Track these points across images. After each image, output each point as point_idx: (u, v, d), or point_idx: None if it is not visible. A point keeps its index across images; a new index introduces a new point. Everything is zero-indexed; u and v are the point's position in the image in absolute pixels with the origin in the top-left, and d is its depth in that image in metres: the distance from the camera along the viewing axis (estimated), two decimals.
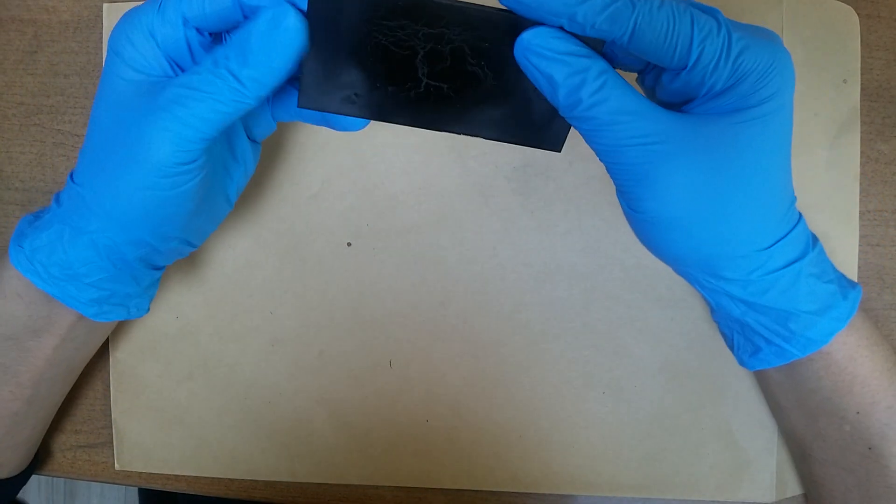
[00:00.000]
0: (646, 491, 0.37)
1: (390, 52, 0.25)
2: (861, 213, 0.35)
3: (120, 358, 0.39)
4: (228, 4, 0.26)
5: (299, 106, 0.27)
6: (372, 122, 0.28)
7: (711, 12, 0.25)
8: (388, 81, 0.26)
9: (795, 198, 0.29)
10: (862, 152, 0.35)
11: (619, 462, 0.37)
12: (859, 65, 0.35)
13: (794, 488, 0.36)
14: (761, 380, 0.35)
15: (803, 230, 0.28)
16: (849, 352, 0.29)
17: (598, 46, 0.25)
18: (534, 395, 0.37)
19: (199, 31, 0.27)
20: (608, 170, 0.27)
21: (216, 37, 0.28)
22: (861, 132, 0.35)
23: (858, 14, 0.35)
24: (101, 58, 0.38)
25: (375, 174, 0.37)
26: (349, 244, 0.37)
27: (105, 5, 0.38)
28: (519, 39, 0.24)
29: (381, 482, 0.38)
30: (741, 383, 0.36)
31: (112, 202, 0.27)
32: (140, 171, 0.26)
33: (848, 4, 0.35)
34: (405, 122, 0.27)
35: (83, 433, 0.40)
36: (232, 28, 0.27)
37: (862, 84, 0.35)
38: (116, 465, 0.39)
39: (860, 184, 0.35)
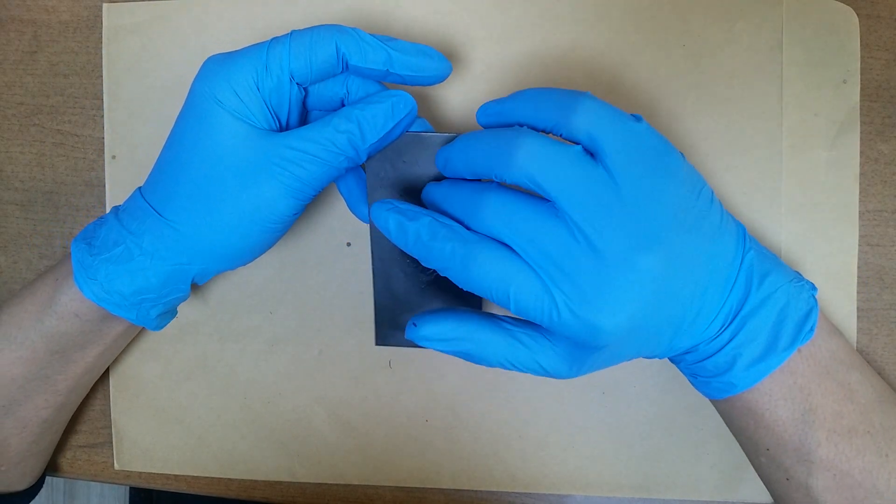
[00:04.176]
0: (645, 491, 0.37)
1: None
2: (861, 213, 0.35)
3: (120, 358, 0.39)
4: (334, 62, 0.29)
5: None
6: None
7: (550, 279, 0.26)
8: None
9: (734, 277, 0.28)
10: (862, 152, 0.35)
11: (619, 462, 0.37)
12: (859, 65, 0.35)
13: None
14: None
15: (733, 302, 0.28)
16: (747, 404, 0.30)
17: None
18: (533, 394, 0.37)
19: (298, 84, 0.30)
20: None
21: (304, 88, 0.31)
22: (861, 132, 0.35)
23: (858, 14, 0.35)
24: (101, 58, 0.38)
25: None
26: (349, 244, 0.37)
27: (105, 5, 0.38)
28: (409, 331, 0.29)
29: (380, 482, 0.38)
30: None
31: (223, 243, 0.30)
32: (259, 219, 0.29)
33: (847, 4, 0.35)
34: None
35: (82, 433, 0.40)
36: (325, 79, 0.30)
37: (862, 84, 0.35)
38: (115, 465, 0.39)
39: (860, 184, 0.35)
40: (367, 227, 0.37)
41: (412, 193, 0.31)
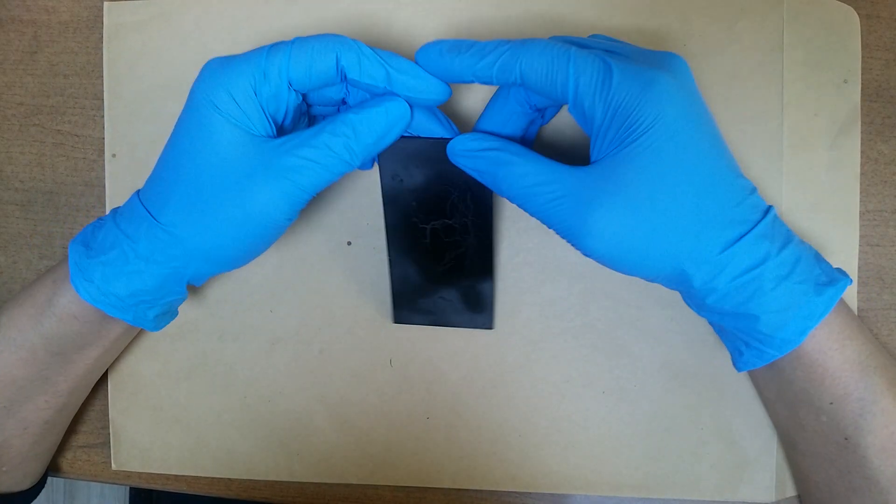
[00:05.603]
0: (646, 491, 0.37)
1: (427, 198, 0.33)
2: (861, 213, 0.35)
3: (118, 356, 0.39)
4: (333, 73, 0.29)
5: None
6: None
7: (601, 53, 0.28)
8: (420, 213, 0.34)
9: (751, 193, 0.29)
10: (862, 152, 0.35)
11: (619, 462, 0.37)
12: (860, 65, 0.35)
13: (793, 488, 0.36)
14: (750, 374, 0.35)
15: (768, 229, 0.28)
16: (818, 345, 0.29)
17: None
18: (533, 394, 0.37)
19: (296, 91, 0.30)
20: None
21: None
22: (861, 132, 0.35)
23: (858, 14, 0.35)
24: (101, 58, 0.38)
25: (376, 172, 0.37)
26: (349, 243, 0.37)
27: (106, 3, 0.38)
28: (448, 147, 0.30)
29: (380, 481, 0.38)
30: (741, 383, 0.36)
31: (217, 248, 0.30)
32: (255, 225, 0.29)
33: (848, 4, 0.35)
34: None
35: (81, 433, 0.40)
36: (324, 87, 0.30)
37: (862, 84, 0.35)
38: (113, 465, 0.39)
39: (860, 184, 0.35)
40: (367, 225, 0.37)
41: (424, 193, 0.33)
